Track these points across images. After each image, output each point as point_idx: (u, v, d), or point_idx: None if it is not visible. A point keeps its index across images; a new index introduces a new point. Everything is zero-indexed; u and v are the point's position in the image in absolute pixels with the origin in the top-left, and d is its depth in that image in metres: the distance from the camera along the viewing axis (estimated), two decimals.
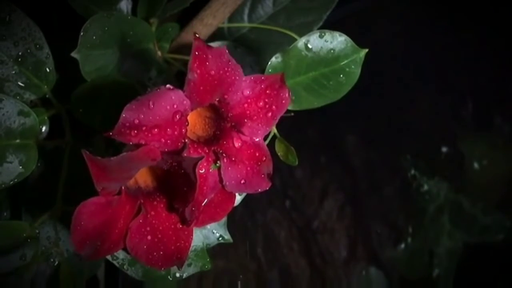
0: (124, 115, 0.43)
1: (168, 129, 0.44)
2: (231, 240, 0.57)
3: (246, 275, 1.17)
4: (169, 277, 0.54)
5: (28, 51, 0.56)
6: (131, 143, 0.43)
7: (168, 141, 0.44)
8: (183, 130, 0.45)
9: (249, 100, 0.48)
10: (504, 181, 1.27)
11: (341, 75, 0.55)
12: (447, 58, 1.22)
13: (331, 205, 1.22)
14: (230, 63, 0.46)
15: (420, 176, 1.24)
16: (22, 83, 0.57)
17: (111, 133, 0.43)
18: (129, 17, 0.61)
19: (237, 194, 0.52)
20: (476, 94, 1.25)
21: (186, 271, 0.54)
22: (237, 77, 0.47)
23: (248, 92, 0.48)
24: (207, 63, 0.45)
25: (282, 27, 0.72)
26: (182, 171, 0.45)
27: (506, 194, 1.26)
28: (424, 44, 1.22)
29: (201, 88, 0.45)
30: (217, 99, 0.47)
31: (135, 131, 0.43)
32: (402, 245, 1.24)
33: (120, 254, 0.52)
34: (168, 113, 0.44)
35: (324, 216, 1.21)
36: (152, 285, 0.75)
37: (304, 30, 0.55)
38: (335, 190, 1.23)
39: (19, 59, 0.56)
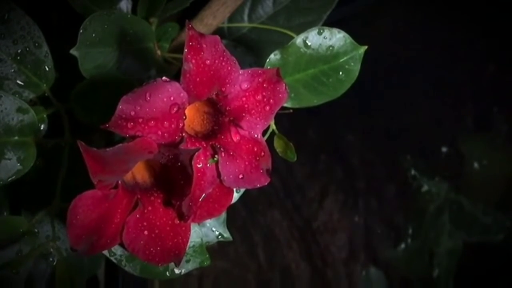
0: (120, 107, 0.43)
1: (165, 122, 0.44)
2: (231, 238, 0.56)
3: (246, 275, 1.17)
4: (167, 273, 0.54)
5: (27, 49, 0.56)
6: (127, 135, 0.43)
7: (165, 134, 0.44)
8: (181, 123, 0.45)
9: (247, 94, 0.48)
10: (504, 181, 1.27)
11: (341, 72, 0.55)
12: (447, 58, 1.23)
13: (331, 205, 1.22)
14: (225, 52, 0.46)
15: (420, 176, 1.25)
16: (21, 81, 0.56)
17: (107, 125, 0.43)
18: (129, 16, 0.61)
19: (234, 191, 0.51)
20: (476, 94, 1.25)
21: (185, 268, 0.54)
22: (233, 68, 0.47)
23: (246, 86, 0.48)
24: (202, 53, 0.44)
25: (282, 27, 0.72)
26: (179, 164, 0.45)
27: (506, 194, 1.26)
28: (424, 44, 1.22)
29: (198, 79, 0.45)
30: (214, 93, 0.47)
31: (132, 123, 0.43)
32: (402, 245, 1.24)
33: (118, 250, 0.52)
34: (165, 106, 0.43)
35: (324, 216, 1.22)
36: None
37: (304, 30, 0.55)
38: (335, 190, 1.23)
39: (18, 58, 0.56)
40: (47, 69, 0.57)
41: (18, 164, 0.52)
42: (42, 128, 0.57)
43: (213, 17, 0.67)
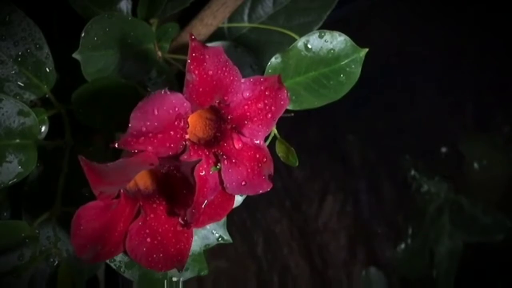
0: (131, 125, 0.43)
1: (171, 132, 0.44)
2: (231, 240, 0.56)
3: (246, 275, 1.17)
4: (165, 281, 0.54)
5: (28, 51, 0.56)
6: (136, 150, 0.43)
7: (172, 145, 0.44)
8: (184, 132, 0.45)
9: (249, 102, 0.49)
10: (504, 181, 1.27)
11: (342, 75, 0.55)
12: (448, 58, 1.22)
13: (331, 205, 1.22)
14: (227, 63, 0.46)
15: (420, 176, 1.25)
16: (22, 83, 0.56)
17: (117, 145, 0.43)
18: (130, 18, 0.61)
19: (238, 195, 0.52)
20: (476, 94, 1.25)
21: (183, 276, 0.54)
22: (235, 78, 0.47)
23: (248, 94, 0.48)
24: (205, 64, 0.45)
25: (282, 27, 0.72)
26: (180, 174, 0.45)
27: (506, 194, 1.26)
28: (424, 44, 1.22)
29: (200, 89, 0.45)
30: (217, 101, 0.47)
31: (143, 138, 0.43)
32: (402, 245, 1.24)
33: (117, 256, 0.52)
34: (170, 117, 0.44)
35: (324, 216, 1.21)
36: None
37: (304, 30, 0.55)
38: (335, 190, 1.23)
39: (19, 59, 0.56)
40: (48, 70, 0.57)
41: (19, 167, 0.52)
42: (43, 130, 0.57)
43: (213, 17, 0.67)
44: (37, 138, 0.55)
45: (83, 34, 0.54)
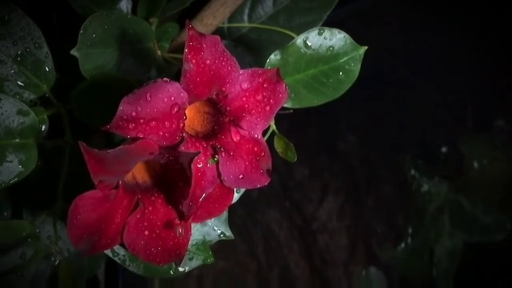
0: (121, 108, 0.43)
1: (166, 122, 0.44)
2: (233, 237, 0.56)
3: (246, 275, 1.17)
4: (171, 271, 0.54)
5: (27, 50, 0.56)
6: (129, 136, 0.43)
7: (166, 134, 0.44)
8: (181, 123, 0.45)
9: (247, 94, 0.48)
10: (504, 181, 1.27)
11: (341, 73, 0.55)
12: (448, 58, 1.23)
13: (331, 205, 1.22)
14: (225, 52, 0.46)
15: (420, 176, 1.25)
16: (21, 82, 0.56)
17: (108, 127, 0.43)
18: (129, 16, 0.61)
19: (235, 191, 0.52)
20: (476, 94, 1.25)
21: (188, 265, 0.54)
22: (233, 68, 0.47)
23: (246, 86, 0.48)
24: (202, 53, 0.45)
25: (282, 27, 0.72)
26: (179, 166, 0.45)
27: (506, 194, 1.26)
28: (424, 45, 1.22)
29: (198, 79, 0.45)
30: (215, 93, 0.47)
31: (133, 124, 0.43)
32: (402, 245, 1.24)
33: (121, 250, 0.52)
34: (165, 106, 0.43)
35: (324, 216, 1.22)
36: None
37: (304, 30, 0.55)
38: (335, 190, 1.23)
39: (18, 58, 0.56)
40: (47, 69, 0.57)
41: (20, 166, 0.52)
42: (43, 129, 0.57)
43: (213, 17, 0.67)
44: (37, 137, 0.55)
45: (81, 31, 0.54)
